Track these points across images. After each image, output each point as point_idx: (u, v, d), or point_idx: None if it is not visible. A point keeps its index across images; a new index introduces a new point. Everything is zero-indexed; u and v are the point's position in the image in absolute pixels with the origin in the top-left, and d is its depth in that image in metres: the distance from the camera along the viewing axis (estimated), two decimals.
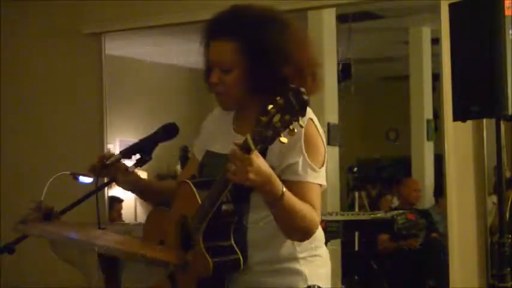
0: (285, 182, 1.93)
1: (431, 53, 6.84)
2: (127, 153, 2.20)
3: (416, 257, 5.79)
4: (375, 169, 8.85)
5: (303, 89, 1.73)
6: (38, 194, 4.01)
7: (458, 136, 3.95)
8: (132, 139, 2.28)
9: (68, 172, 4.15)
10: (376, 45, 7.53)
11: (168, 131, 2.23)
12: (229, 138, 2.09)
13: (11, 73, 5.28)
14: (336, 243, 5.35)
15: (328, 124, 5.68)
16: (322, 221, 4.12)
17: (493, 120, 3.24)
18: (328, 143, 5.71)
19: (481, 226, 3.91)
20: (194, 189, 2.02)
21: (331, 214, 4.86)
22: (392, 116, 9.09)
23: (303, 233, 1.99)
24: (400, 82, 7.94)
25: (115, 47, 5.16)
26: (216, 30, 2.05)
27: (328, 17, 5.69)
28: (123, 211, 6.21)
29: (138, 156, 2.21)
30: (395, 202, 6.68)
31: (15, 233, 2.21)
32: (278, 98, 1.74)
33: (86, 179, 4.11)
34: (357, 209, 6.21)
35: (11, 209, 4.97)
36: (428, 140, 7.07)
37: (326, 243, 4.59)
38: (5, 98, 5.29)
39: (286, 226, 1.97)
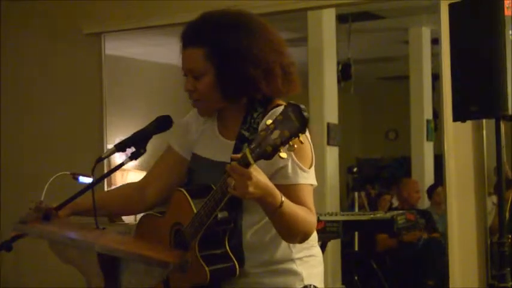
0: (276, 186, 1.93)
1: (431, 53, 6.83)
2: (121, 147, 2.20)
3: (416, 257, 5.78)
4: (375, 169, 8.86)
5: (303, 106, 1.74)
6: (38, 194, 4.01)
7: (458, 136, 3.94)
8: None
9: (68, 172, 4.15)
10: (376, 45, 7.53)
11: (161, 123, 2.23)
12: (216, 142, 2.13)
13: (10, 73, 5.28)
14: (336, 243, 5.35)
15: (328, 124, 5.67)
16: (320, 221, 4.13)
17: (493, 121, 3.24)
18: (328, 143, 5.77)
19: (481, 226, 3.90)
20: (188, 197, 2.03)
21: (331, 214, 4.86)
22: (392, 116, 9.09)
23: (301, 236, 2.01)
24: (399, 82, 7.95)
25: (115, 47, 5.15)
26: (185, 39, 2.09)
27: (328, 17, 5.68)
28: None
29: (132, 149, 2.20)
30: (395, 202, 6.67)
31: (15, 233, 2.21)
32: (278, 115, 1.75)
33: (86, 179, 4.12)
34: (356, 209, 6.20)
35: (11, 209, 4.97)
36: (428, 140, 7.07)
37: (327, 243, 4.59)
38: (5, 97, 5.29)
39: (286, 232, 1.98)
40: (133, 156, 2.19)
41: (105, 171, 4.68)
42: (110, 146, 2.28)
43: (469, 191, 3.91)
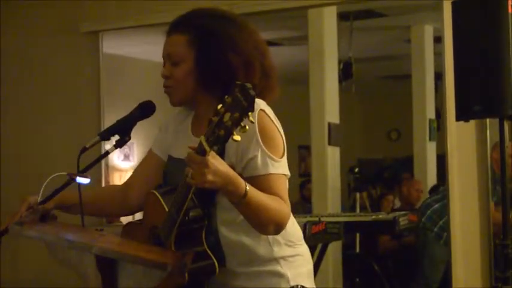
0: (248, 178, 1.92)
1: (433, 51, 6.80)
2: (105, 135, 2.20)
3: (418, 258, 5.74)
4: (377, 169, 8.81)
5: (249, 84, 1.73)
6: (37, 194, 3.98)
7: (461, 136, 3.92)
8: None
9: (65, 173, 4.11)
10: (378, 43, 7.51)
11: (144, 109, 2.22)
12: (187, 141, 2.09)
13: (9, 72, 5.26)
14: (337, 244, 5.32)
15: (329, 124, 5.65)
16: (321, 222, 4.10)
17: (497, 120, 3.21)
18: (329, 143, 5.73)
19: (484, 227, 3.88)
20: (161, 199, 2.02)
21: (332, 215, 4.83)
22: (394, 115, 9.07)
23: (274, 226, 1.97)
24: (402, 81, 7.91)
25: (112, 46, 5.13)
26: (171, 27, 2.13)
27: (329, 15, 5.66)
28: None
29: (117, 137, 2.20)
30: (397, 203, 6.64)
31: (13, 234, 2.18)
32: (226, 97, 1.74)
33: (83, 180, 4.08)
34: (358, 210, 6.17)
35: (11, 209, 4.94)
36: (430, 140, 7.03)
37: (327, 245, 4.56)
38: (4, 96, 5.27)
39: (256, 222, 1.96)
40: (118, 144, 2.19)
41: (103, 171, 4.69)
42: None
43: (472, 191, 3.89)
